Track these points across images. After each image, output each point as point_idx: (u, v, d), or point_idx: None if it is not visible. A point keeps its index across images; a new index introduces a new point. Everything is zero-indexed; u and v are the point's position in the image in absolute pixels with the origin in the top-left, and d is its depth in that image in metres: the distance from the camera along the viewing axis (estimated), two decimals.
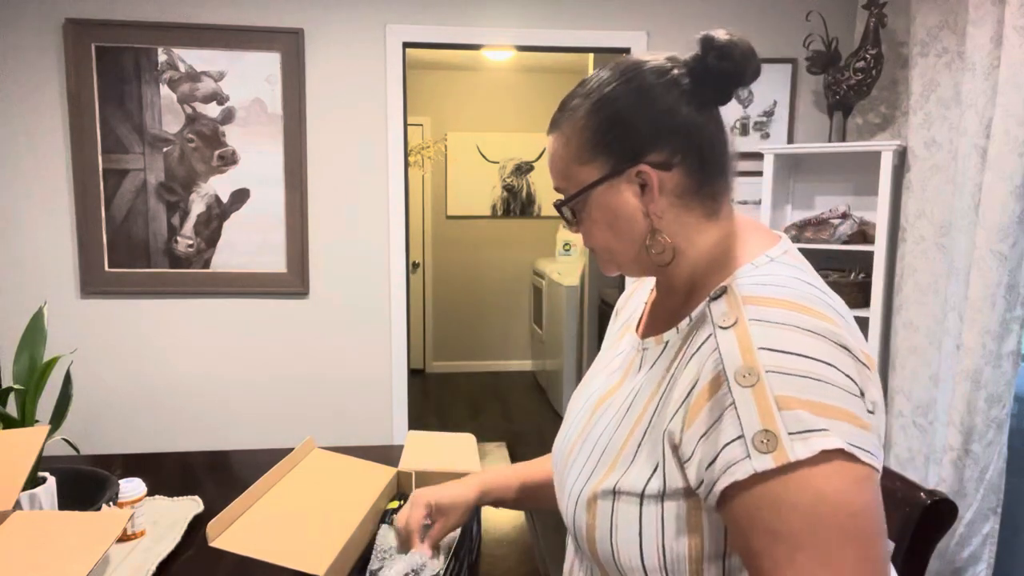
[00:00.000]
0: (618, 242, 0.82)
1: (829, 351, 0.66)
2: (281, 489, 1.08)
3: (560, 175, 0.83)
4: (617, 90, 0.78)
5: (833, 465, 0.63)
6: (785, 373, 0.65)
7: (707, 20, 2.83)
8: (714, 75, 0.77)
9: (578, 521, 0.80)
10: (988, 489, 2.13)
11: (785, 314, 0.68)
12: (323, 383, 2.85)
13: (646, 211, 0.79)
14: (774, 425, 0.64)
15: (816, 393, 0.64)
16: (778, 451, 0.63)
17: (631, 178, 0.78)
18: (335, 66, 2.72)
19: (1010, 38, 1.98)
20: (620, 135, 0.78)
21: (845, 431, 0.64)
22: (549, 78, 5.48)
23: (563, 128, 0.82)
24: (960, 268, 2.18)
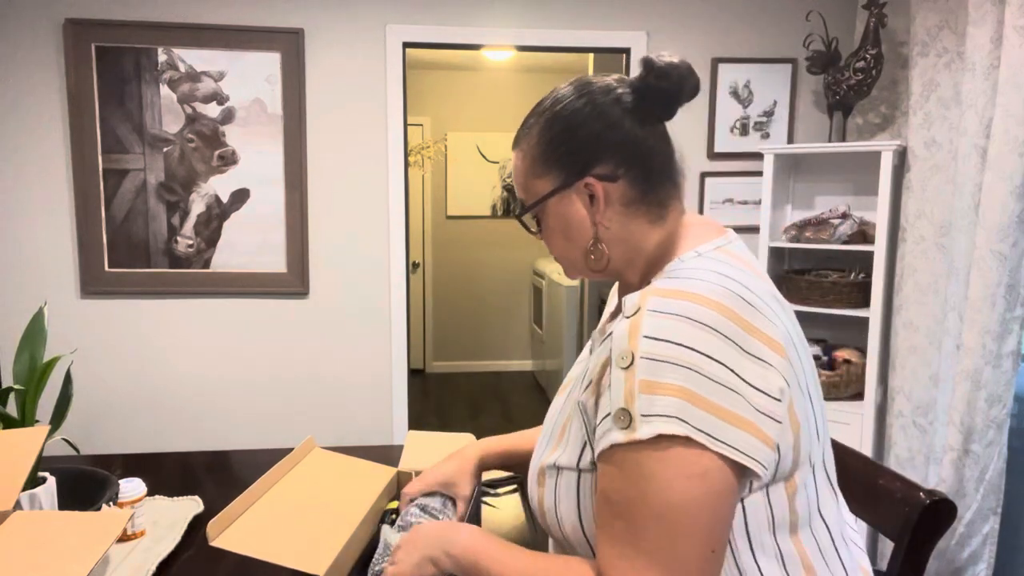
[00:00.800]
0: (571, 249, 0.88)
1: (713, 343, 0.70)
2: (281, 489, 1.08)
3: (521, 188, 0.90)
4: (566, 107, 0.85)
5: (669, 452, 0.69)
6: (655, 360, 0.70)
7: (707, 20, 2.83)
8: (655, 94, 0.84)
9: (533, 496, 0.88)
10: (988, 489, 2.13)
11: (680, 305, 0.72)
12: (323, 383, 2.85)
13: (593, 220, 0.85)
14: (632, 405, 0.70)
15: (683, 380, 0.69)
16: (629, 429, 0.71)
17: (580, 189, 0.85)
18: (335, 66, 2.72)
19: (1010, 38, 1.98)
20: (569, 149, 0.84)
21: (702, 421, 0.68)
22: (549, 78, 5.48)
23: (521, 144, 0.89)
24: (960, 268, 2.18)
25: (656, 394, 0.69)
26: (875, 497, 1.09)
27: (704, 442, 0.68)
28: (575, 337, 4.43)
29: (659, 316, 0.72)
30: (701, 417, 0.68)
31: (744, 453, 0.69)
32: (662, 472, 0.69)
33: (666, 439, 0.69)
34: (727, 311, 0.72)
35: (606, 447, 0.73)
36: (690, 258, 0.82)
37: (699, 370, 0.69)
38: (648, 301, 0.74)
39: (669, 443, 0.69)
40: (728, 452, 0.69)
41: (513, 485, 1.50)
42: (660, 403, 0.69)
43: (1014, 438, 2.15)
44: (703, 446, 0.68)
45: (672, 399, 0.69)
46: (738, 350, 0.71)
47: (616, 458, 0.72)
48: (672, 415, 0.68)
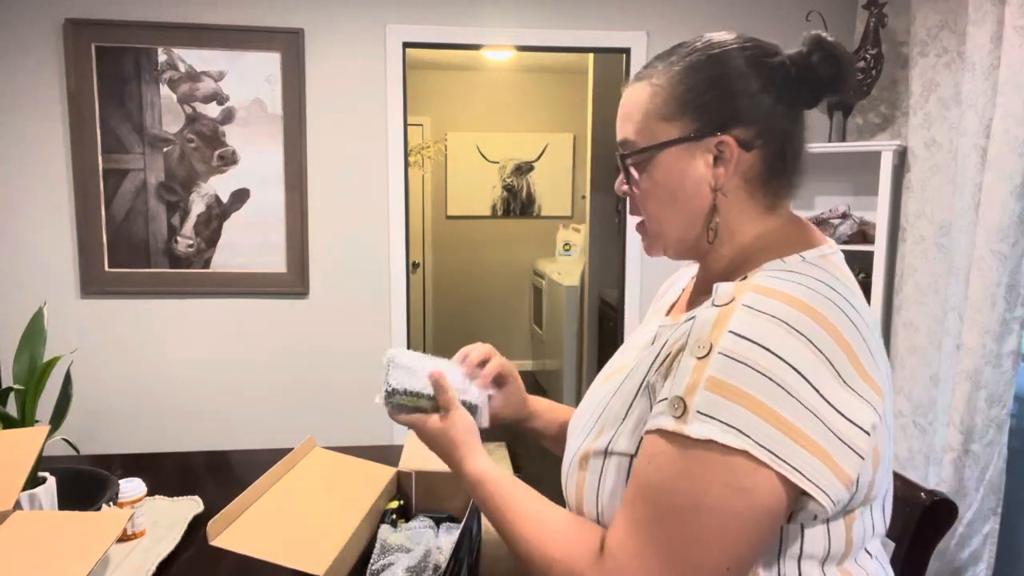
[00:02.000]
0: (672, 213, 0.79)
1: (803, 356, 0.64)
2: (281, 488, 1.08)
3: (635, 127, 0.79)
4: (727, 54, 0.76)
5: (717, 459, 0.64)
6: (735, 360, 0.64)
7: (707, 20, 2.83)
8: (815, 75, 0.76)
9: (569, 482, 0.83)
10: (988, 489, 2.12)
11: (779, 306, 0.66)
12: (323, 383, 2.85)
13: (714, 185, 0.76)
14: (691, 398, 0.66)
15: (759, 392, 0.63)
16: (681, 420, 0.66)
17: (709, 147, 0.76)
18: (335, 66, 2.72)
19: (1010, 38, 1.98)
20: (715, 100, 0.76)
21: (768, 438, 0.63)
22: (549, 78, 5.48)
23: (653, 78, 0.78)
24: (960, 268, 2.18)
25: (723, 397, 0.64)
26: None
27: (764, 459, 0.63)
28: (575, 337, 4.42)
29: (752, 313, 0.66)
30: (768, 434, 0.63)
31: (808, 479, 0.64)
32: (702, 474, 0.65)
33: (719, 446, 0.64)
34: (830, 327, 0.66)
35: (653, 428, 0.69)
36: (795, 261, 0.75)
37: (781, 383, 0.63)
38: (744, 295, 0.67)
39: (722, 450, 0.64)
40: (789, 473, 0.63)
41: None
42: (725, 409, 0.64)
43: (1014, 438, 2.15)
44: (762, 462, 0.63)
45: (740, 410, 0.63)
46: (833, 373, 0.65)
47: (659, 443, 0.68)
48: (735, 426, 0.63)
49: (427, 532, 1.10)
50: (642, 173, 0.79)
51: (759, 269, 0.74)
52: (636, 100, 0.80)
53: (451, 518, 1.18)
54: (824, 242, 0.79)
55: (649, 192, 0.79)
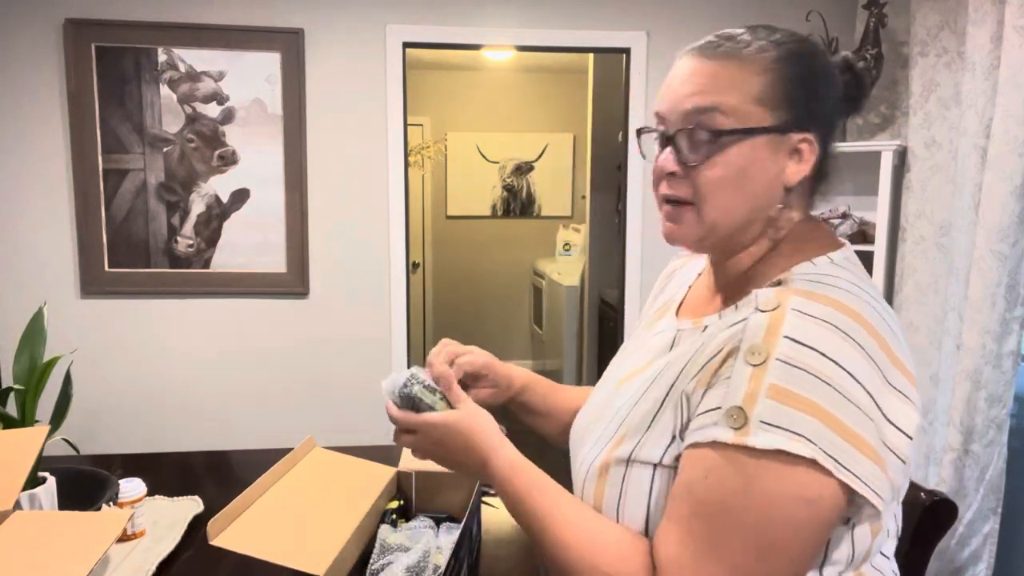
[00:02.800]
0: (737, 202, 0.75)
1: (858, 361, 0.64)
2: (281, 488, 1.08)
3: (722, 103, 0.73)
4: (817, 55, 0.77)
5: (785, 469, 0.62)
6: (794, 366, 0.63)
7: (707, 20, 2.83)
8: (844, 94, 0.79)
9: (587, 490, 0.80)
10: (988, 489, 2.12)
11: (829, 312, 0.65)
12: (323, 383, 2.85)
13: (787, 182, 0.75)
14: (751, 407, 0.63)
15: (821, 398, 0.62)
16: (741, 431, 0.64)
17: (792, 143, 0.74)
18: (335, 66, 2.72)
19: (1010, 38, 1.98)
20: (808, 96, 0.75)
21: (832, 445, 0.62)
22: (549, 78, 5.48)
23: (747, 58, 0.74)
24: (960, 268, 2.18)
25: (787, 405, 0.62)
26: None
27: (830, 467, 0.62)
28: (575, 337, 4.42)
29: (804, 318, 0.65)
30: (832, 441, 0.62)
31: (869, 486, 0.63)
32: (769, 487, 0.63)
33: (786, 455, 0.62)
34: (873, 332, 0.66)
35: (704, 440, 0.66)
36: (824, 264, 0.75)
37: (839, 388, 0.62)
38: (791, 299, 0.67)
39: (788, 460, 0.62)
40: (853, 482, 0.63)
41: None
42: (790, 417, 0.62)
43: (1014, 438, 2.15)
44: (827, 472, 0.62)
45: (805, 417, 0.62)
46: (881, 378, 0.65)
47: (715, 456, 0.65)
48: (802, 434, 0.62)
49: (427, 532, 1.11)
50: (714, 154, 0.74)
51: (790, 273, 0.73)
52: (728, 75, 0.74)
53: (451, 518, 1.18)
54: (842, 243, 0.80)
55: (718, 176, 0.74)
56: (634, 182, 2.85)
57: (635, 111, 2.86)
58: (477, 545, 1.23)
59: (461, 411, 0.87)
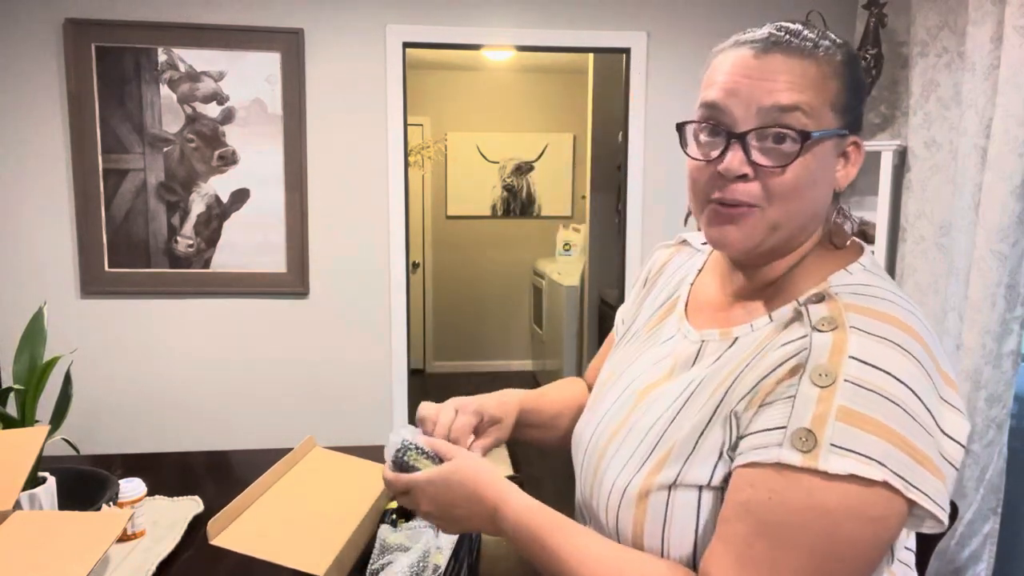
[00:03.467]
0: (805, 205, 0.74)
1: (920, 379, 0.64)
2: (282, 487, 1.08)
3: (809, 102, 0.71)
4: (858, 59, 0.78)
5: (853, 491, 0.61)
6: (864, 387, 0.62)
7: (707, 20, 2.83)
8: None
9: (623, 516, 0.76)
10: (988, 489, 2.12)
11: (888, 330, 0.65)
12: (323, 383, 2.85)
13: (839, 186, 0.77)
14: (821, 430, 0.62)
15: (889, 419, 0.62)
16: (811, 454, 0.62)
17: (844, 145, 0.75)
18: (335, 66, 2.72)
19: (1010, 38, 1.98)
20: (859, 101, 0.76)
21: (901, 464, 0.62)
22: (549, 78, 5.48)
23: (822, 59, 0.72)
24: (960, 268, 2.18)
25: (857, 427, 0.62)
26: None
27: (900, 487, 0.61)
28: (575, 337, 4.43)
29: (867, 337, 0.64)
30: (901, 460, 0.62)
31: (934, 501, 0.63)
32: (836, 508, 0.62)
33: (858, 479, 0.61)
34: (926, 346, 0.66)
35: (766, 461, 0.64)
36: (860, 272, 0.74)
37: (906, 407, 0.62)
38: (847, 317, 0.66)
39: (860, 483, 0.61)
40: (920, 499, 0.62)
41: None
42: (861, 440, 0.61)
43: (1014, 438, 2.15)
44: (896, 491, 0.61)
45: (876, 440, 0.61)
46: (935, 391, 0.65)
47: (779, 478, 0.64)
48: (873, 457, 0.61)
49: (427, 532, 1.10)
50: (802, 155, 0.71)
51: (828, 284, 0.72)
52: (807, 74, 0.72)
53: None
54: (860, 244, 0.80)
55: (795, 180, 0.71)
56: (634, 182, 2.85)
57: (635, 111, 2.86)
58: (477, 545, 1.23)
59: (455, 462, 0.81)
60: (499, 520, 0.78)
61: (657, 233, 2.84)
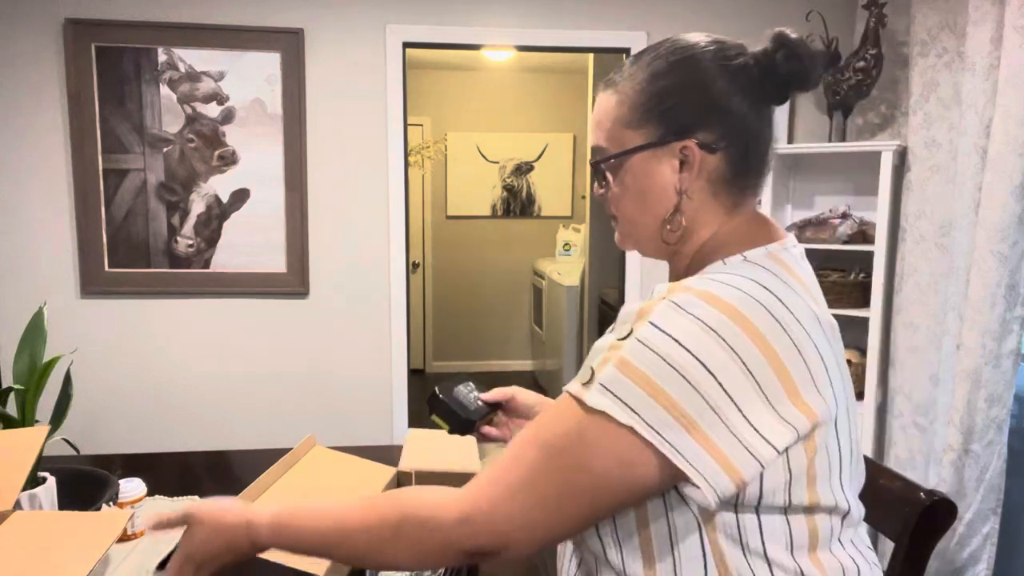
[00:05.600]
0: (642, 215, 0.82)
1: (716, 355, 0.66)
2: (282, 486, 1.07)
3: (605, 134, 0.83)
4: (682, 63, 0.78)
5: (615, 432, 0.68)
6: (647, 347, 0.68)
7: (707, 20, 2.83)
8: (779, 73, 0.77)
9: None
10: (988, 489, 2.13)
11: (698, 305, 0.68)
12: (323, 383, 2.85)
13: (679, 188, 0.79)
14: (600, 371, 0.70)
15: (662, 379, 0.67)
16: (585, 387, 0.71)
17: (674, 152, 0.78)
18: (335, 66, 2.72)
19: (1010, 38, 1.98)
20: (675, 106, 0.78)
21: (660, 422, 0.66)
22: (549, 78, 5.48)
23: (619, 87, 0.82)
24: (960, 268, 2.18)
25: (628, 378, 0.68)
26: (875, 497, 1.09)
27: (649, 438, 0.66)
28: (575, 337, 4.43)
29: (673, 308, 0.69)
30: (661, 418, 0.66)
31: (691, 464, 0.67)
32: (595, 440, 0.69)
33: (607, 418, 0.68)
34: (755, 333, 0.67)
35: (565, 388, 0.74)
36: (736, 262, 0.77)
37: (685, 374, 0.66)
38: (675, 294, 0.70)
39: (611, 423, 0.68)
40: (671, 455, 0.66)
41: None
42: (625, 387, 0.68)
43: (1014, 438, 2.15)
44: (647, 442, 0.67)
45: (638, 391, 0.67)
46: (752, 384, 0.67)
47: (564, 402, 0.73)
48: (628, 404, 0.67)
49: None
50: (614, 177, 0.82)
51: (702, 272, 0.76)
52: (605, 107, 0.83)
53: None
54: (779, 239, 0.80)
55: (620, 195, 0.83)
56: None
57: None
58: None
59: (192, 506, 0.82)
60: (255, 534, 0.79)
61: None
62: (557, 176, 5.62)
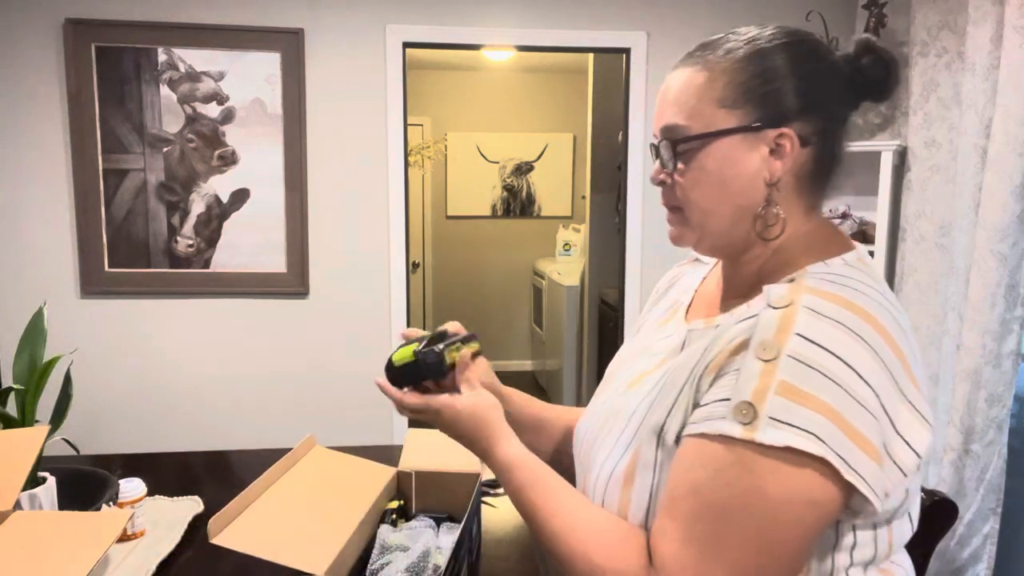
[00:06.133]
0: (720, 204, 0.75)
1: (868, 363, 0.63)
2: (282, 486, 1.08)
3: (686, 112, 0.75)
4: (788, 47, 0.75)
5: (794, 469, 0.62)
6: (805, 364, 0.62)
7: (707, 20, 2.83)
8: (862, 79, 0.76)
9: (609, 499, 0.77)
10: (988, 489, 2.12)
11: (840, 312, 0.64)
12: (323, 383, 2.85)
13: (769, 178, 0.74)
14: (761, 403, 0.63)
15: (831, 399, 0.61)
16: (750, 426, 0.63)
17: (768, 139, 0.73)
18: (335, 66, 2.72)
19: (1010, 38, 1.98)
20: (778, 91, 0.73)
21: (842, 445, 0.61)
22: (549, 78, 5.48)
23: (709, 63, 0.75)
24: (960, 268, 2.18)
25: (796, 402, 0.61)
26: None
27: (837, 466, 0.61)
28: (575, 337, 4.42)
29: (815, 316, 0.64)
30: (839, 440, 0.61)
31: (870, 486, 0.63)
32: (778, 487, 0.62)
33: (796, 454, 0.61)
34: (886, 333, 0.65)
35: (712, 433, 0.65)
36: (838, 264, 0.73)
37: (849, 389, 0.62)
38: (803, 297, 0.66)
39: (798, 459, 0.61)
40: (857, 482, 0.62)
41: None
42: (799, 414, 0.61)
43: (1014, 438, 2.15)
44: (834, 472, 0.61)
45: (814, 415, 0.61)
46: (893, 383, 0.64)
47: (724, 453, 0.64)
48: (811, 432, 0.61)
49: (427, 532, 1.10)
50: (690, 161, 0.75)
51: (803, 271, 0.72)
52: (689, 85, 0.75)
53: (451, 518, 1.18)
54: (853, 245, 0.78)
55: (697, 181, 0.75)
56: (634, 182, 2.85)
57: (635, 111, 2.86)
58: (477, 545, 1.23)
59: (470, 398, 0.86)
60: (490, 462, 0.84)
61: (657, 233, 2.83)
62: (557, 176, 5.62)
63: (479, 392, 0.87)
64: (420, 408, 0.87)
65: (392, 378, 0.91)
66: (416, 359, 0.89)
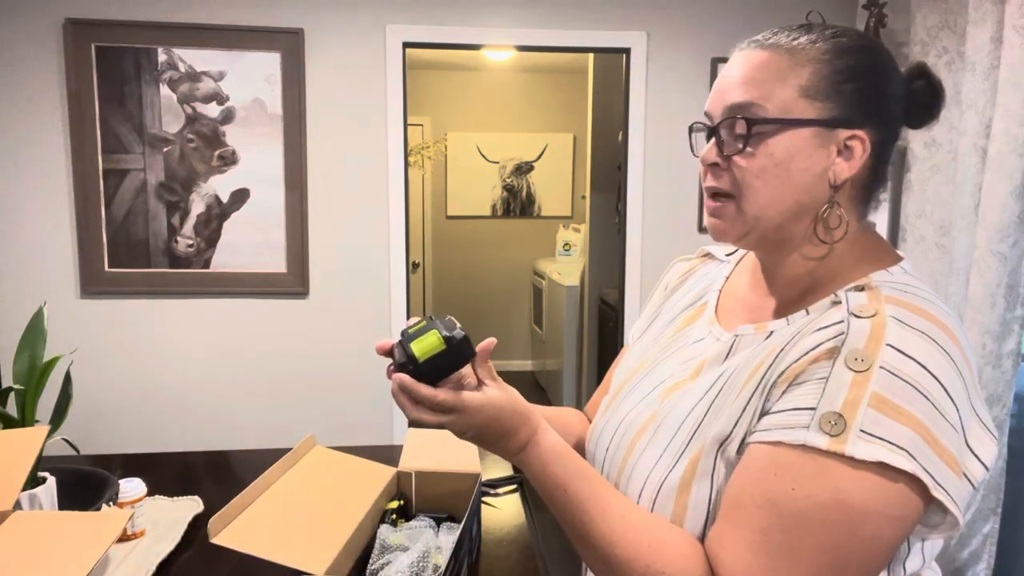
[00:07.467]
0: (783, 196, 0.72)
1: (953, 378, 0.62)
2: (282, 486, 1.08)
3: (764, 93, 0.72)
4: (869, 49, 0.74)
5: (882, 484, 0.60)
6: (899, 377, 0.61)
7: (707, 20, 2.83)
8: (911, 101, 0.75)
9: (660, 508, 0.74)
10: (988, 489, 2.12)
11: (927, 325, 0.64)
12: (323, 383, 2.85)
13: (833, 179, 0.72)
14: (852, 415, 0.61)
15: (922, 414, 0.61)
16: (839, 438, 0.60)
17: (839, 139, 0.71)
18: (335, 66, 2.72)
19: (1010, 38, 1.98)
20: (860, 90, 0.72)
21: (930, 461, 0.61)
22: (549, 78, 5.48)
23: (793, 50, 0.72)
24: (960, 268, 2.18)
25: (888, 416, 0.60)
26: None
27: (927, 483, 0.60)
28: (575, 337, 4.42)
29: (905, 328, 0.63)
30: (929, 457, 0.60)
31: (955, 503, 0.62)
32: (863, 502, 0.60)
33: (885, 468, 0.60)
34: (962, 350, 0.65)
35: (789, 441, 0.63)
36: (900, 273, 0.72)
37: (937, 404, 0.61)
38: (887, 307, 0.64)
39: (887, 474, 0.60)
40: (944, 498, 0.61)
41: (513, 485, 1.50)
42: (891, 429, 0.60)
43: (1014, 438, 2.15)
44: (922, 488, 0.60)
45: (906, 430, 0.60)
46: (968, 400, 0.64)
47: (804, 464, 0.62)
48: (903, 447, 0.60)
49: (427, 532, 1.11)
50: (759, 145, 0.72)
51: (867, 279, 0.70)
52: (771, 66, 0.72)
53: (451, 518, 1.18)
54: (902, 255, 0.77)
55: (763, 168, 0.72)
56: (634, 182, 2.85)
57: (635, 111, 2.86)
58: (477, 545, 1.23)
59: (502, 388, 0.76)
60: (524, 458, 0.76)
61: (657, 233, 2.84)
62: (557, 176, 5.62)
63: (501, 381, 0.77)
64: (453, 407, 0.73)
65: (418, 376, 0.75)
66: (447, 347, 0.72)
